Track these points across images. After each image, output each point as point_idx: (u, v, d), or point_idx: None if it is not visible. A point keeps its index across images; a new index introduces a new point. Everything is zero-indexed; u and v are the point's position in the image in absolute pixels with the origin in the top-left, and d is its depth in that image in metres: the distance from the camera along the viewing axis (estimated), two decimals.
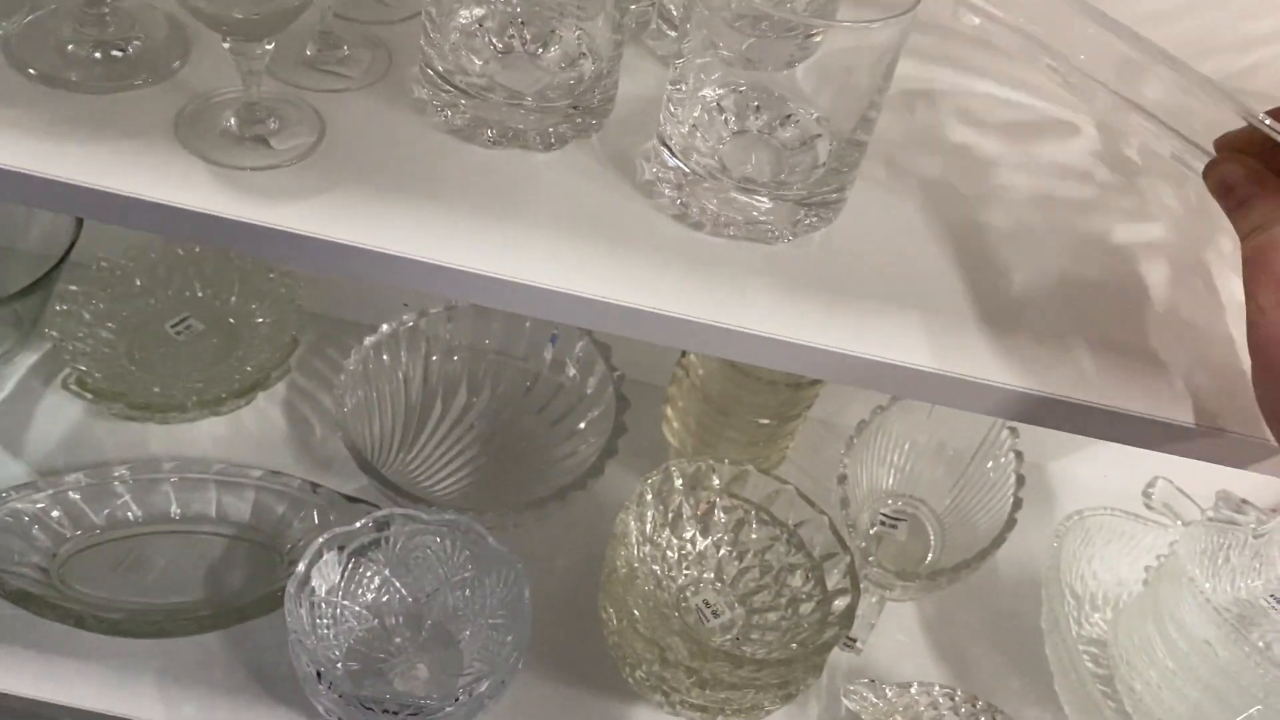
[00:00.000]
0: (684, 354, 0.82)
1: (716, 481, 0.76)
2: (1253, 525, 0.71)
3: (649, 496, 0.73)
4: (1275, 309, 0.37)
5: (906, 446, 0.86)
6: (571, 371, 0.86)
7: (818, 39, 0.50)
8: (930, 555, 0.83)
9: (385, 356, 0.83)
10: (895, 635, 0.80)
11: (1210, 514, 0.72)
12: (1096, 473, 0.93)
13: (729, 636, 0.73)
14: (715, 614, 0.74)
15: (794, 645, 0.69)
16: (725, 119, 0.52)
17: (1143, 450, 0.86)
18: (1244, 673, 0.64)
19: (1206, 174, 0.44)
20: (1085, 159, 0.60)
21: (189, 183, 0.47)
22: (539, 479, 0.82)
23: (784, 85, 0.51)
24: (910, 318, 0.48)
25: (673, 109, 0.50)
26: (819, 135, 0.51)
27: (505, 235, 0.48)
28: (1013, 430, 0.82)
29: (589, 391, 0.85)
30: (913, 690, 0.71)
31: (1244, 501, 0.74)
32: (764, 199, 0.50)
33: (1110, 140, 0.61)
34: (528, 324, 0.87)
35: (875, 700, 0.69)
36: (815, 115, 0.51)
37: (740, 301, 0.47)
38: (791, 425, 0.82)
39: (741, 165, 0.50)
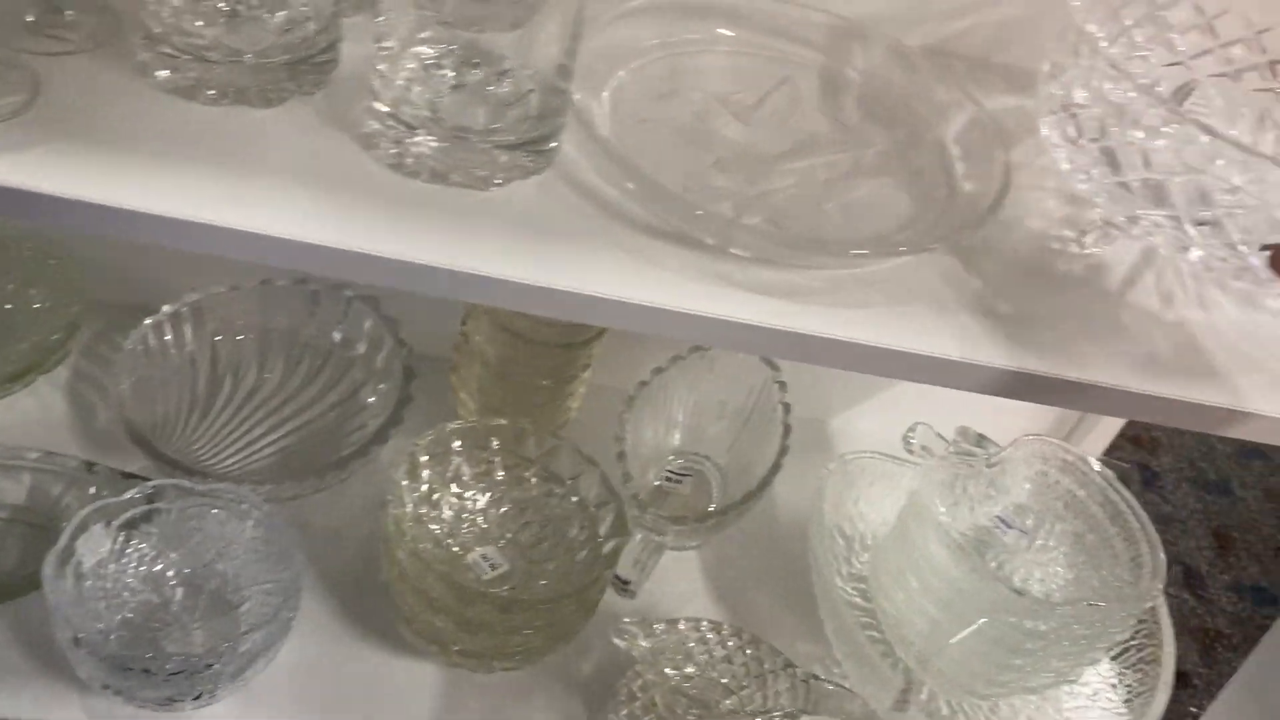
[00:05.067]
0: (464, 321, 0.84)
1: (495, 442, 0.79)
2: (987, 457, 0.77)
3: (423, 458, 0.75)
4: None
5: (691, 404, 0.90)
6: (361, 348, 0.88)
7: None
8: (713, 507, 0.87)
9: (168, 336, 0.83)
10: (678, 584, 0.84)
11: (951, 449, 0.78)
12: (871, 425, 0.99)
13: (508, 586, 0.75)
14: (494, 567, 0.76)
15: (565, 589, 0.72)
16: (444, 74, 0.54)
17: (908, 401, 0.90)
18: (973, 589, 0.69)
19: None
20: None
21: None
22: (329, 454, 0.83)
23: (499, 43, 0.55)
24: (616, 256, 0.52)
25: (379, 65, 0.52)
26: (532, 90, 0.55)
27: (222, 185, 0.50)
28: (781, 385, 0.87)
29: (378, 366, 0.87)
30: (680, 626, 0.75)
31: (981, 436, 0.80)
32: (478, 146, 0.53)
33: None
34: (318, 303, 0.88)
35: (643, 636, 0.72)
36: (529, 72, 0.55)
37: (451, 242, 0.50)
38: (571, 386, 0.86)
39: (457, 117, 0.53)
